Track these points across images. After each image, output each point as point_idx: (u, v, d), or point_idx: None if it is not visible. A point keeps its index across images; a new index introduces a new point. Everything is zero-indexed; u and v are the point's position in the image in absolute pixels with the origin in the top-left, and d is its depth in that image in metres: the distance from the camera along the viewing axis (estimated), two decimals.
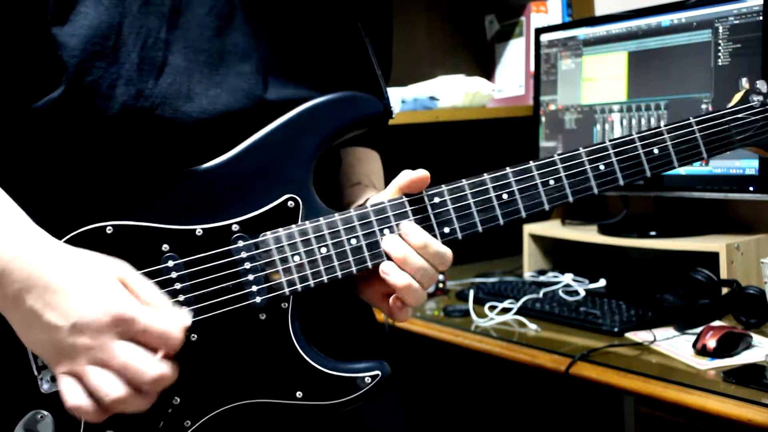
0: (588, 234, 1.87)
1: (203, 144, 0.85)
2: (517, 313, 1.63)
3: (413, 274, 0.86)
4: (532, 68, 2.08)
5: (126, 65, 0.81)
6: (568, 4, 2.18)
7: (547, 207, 0.90)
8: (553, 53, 1.97)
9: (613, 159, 0.91)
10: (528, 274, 1.97)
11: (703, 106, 1.62)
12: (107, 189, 0.83)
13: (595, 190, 0.91)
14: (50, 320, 0.73)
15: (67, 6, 0.80)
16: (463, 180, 0.89)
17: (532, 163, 0.90)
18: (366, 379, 0.86)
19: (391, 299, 0.88)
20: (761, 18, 1.53)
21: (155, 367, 0.74)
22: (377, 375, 0.87)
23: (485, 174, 0.90)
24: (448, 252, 0.88)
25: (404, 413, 1.08)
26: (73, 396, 0.74)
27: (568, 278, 1.83)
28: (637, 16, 1.77)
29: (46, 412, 0.83)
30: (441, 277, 1.90)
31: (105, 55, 0.81)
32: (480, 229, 0.89)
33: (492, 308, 1.66)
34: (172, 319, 0.76)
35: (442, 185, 0.89)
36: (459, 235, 0.89)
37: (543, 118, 1.99)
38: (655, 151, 0.93)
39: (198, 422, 0.84)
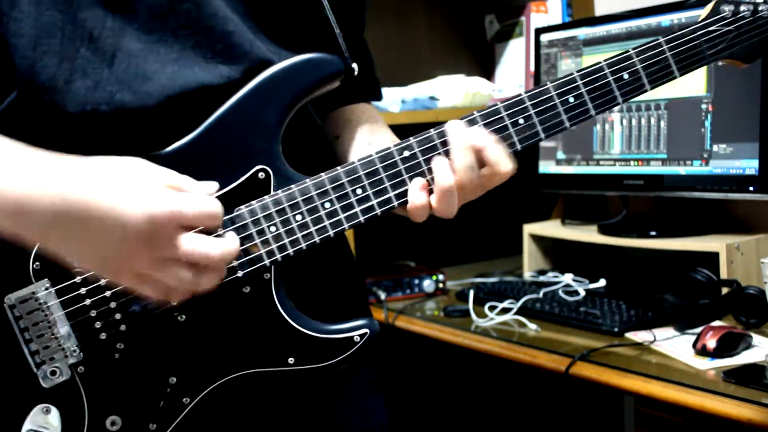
0: (588, 234, 1.87)
1: (170, 124, 0.84)
2: (517, 313, 1.63)
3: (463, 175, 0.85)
4: (532, 68, 2.08)
5: (77, 60, 0.81)
6: (568, 4, 2.18)
7: (519, 147, 0.88)
8: (553, 53, 1.96)
9: (583, 90, 0.89)
10: (528, 274, 1.97)
11: (703, 106, 1.62)
12: None
13: (567, 124, 0.89)
14: (108, 238, 0.73)
15: (6, 2, 0.80)
16: (432, 130, 0.88)
17: (499, 105, 0.89)
18: (355, 338, 0.87)
19: (432, 198, 0.86)
20: None
21: (218, 246, 0.77)
22: (366, 333, 0.88)
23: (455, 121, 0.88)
24: (507, 167, 0.86)
25: (403, 413, 1.07)
26: (155, 292, 0.76)
27: (568, 278, 1.83)
28: (637, 16, 1.77)
29: (51, 406, 0.84)
30: (441, 276, 1.90)
31: (54, 53, 0.81)
32: None
33: (492, 308, 1.66)
34: (206, 197, 0.78)
35: (410, 138, 0.88)
36: None
37: None
38: (625, 76, 0.90)
39: (196, 398, 0.86)
